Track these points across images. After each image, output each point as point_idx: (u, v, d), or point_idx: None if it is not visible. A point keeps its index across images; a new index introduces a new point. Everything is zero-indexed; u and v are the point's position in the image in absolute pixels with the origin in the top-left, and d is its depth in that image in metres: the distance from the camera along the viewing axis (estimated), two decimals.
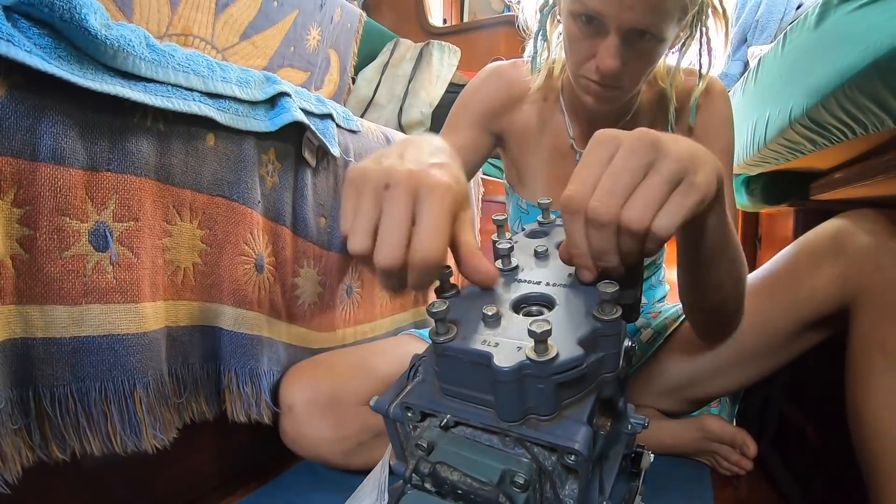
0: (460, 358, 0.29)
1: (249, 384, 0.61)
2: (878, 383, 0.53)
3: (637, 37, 0.56)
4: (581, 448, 0.27)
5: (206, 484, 0.68)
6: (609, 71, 0.57)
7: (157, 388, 0.51)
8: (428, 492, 0.29)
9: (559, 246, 0.41)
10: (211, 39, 0.92)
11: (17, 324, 0.42)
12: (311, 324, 0.74)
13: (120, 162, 0.47)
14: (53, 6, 0.40)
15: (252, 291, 0.61)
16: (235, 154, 0.58)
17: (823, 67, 0.55)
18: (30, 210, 0.42)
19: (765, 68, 0.84)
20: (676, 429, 0.77)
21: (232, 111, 0.56)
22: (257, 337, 0.62)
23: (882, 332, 0.54)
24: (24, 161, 0.41)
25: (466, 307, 0.33)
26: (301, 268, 0.70)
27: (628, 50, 0.57)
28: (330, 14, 1.19)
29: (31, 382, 0.44)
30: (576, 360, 0.27)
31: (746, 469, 0.72)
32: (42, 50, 0.41)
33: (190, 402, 0.57)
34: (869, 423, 0.53)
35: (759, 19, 1.18)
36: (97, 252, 0.46)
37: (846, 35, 0.51)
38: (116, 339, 0.47)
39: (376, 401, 0.34)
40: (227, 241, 0.58)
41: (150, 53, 0.49)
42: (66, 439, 0.46)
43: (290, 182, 0.66)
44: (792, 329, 0.67)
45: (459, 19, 2.47)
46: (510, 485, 0.27)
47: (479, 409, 0.30)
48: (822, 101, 0.56)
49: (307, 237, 0.70)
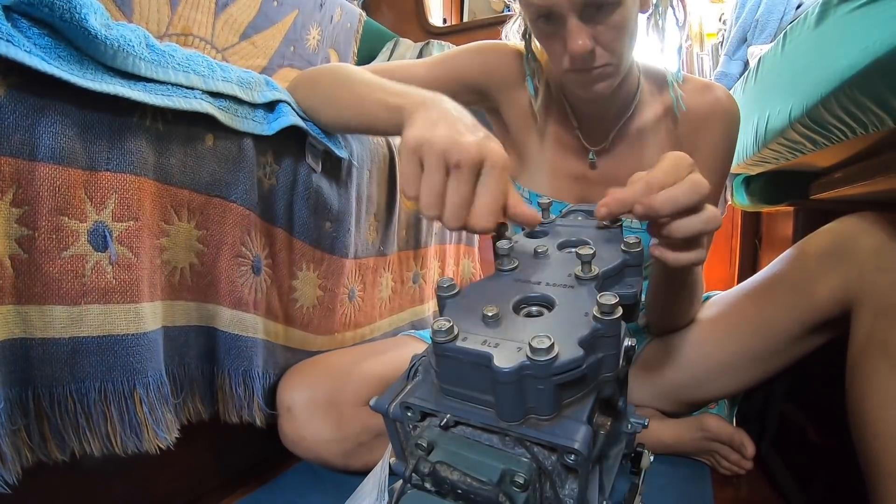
0: (460, 358, 0.29)
1: (242, 386, 0.61)
2: (880, 384, 0.53)
3: (595, 10, 0.56)
4: (581, 448, 0.27)
5: (206, 484, 0.68)
6: (580, 52, 0.57)
7: (156, 388, 0.51)
8: (428, 491, 0.29)
9: (559, 246, 0.41)
10: (211, 39, 0.92)
11: (15, 324, 0.42)
12: (310, 327, 0.73)
13: (119, 161, 0.47)
14: (53, 6, 0.40)
15: (248, 293, 0.61)
16: (234, 155, 0.57)
17: (823, 67, 0.55)
18: (29, 210, 0.42)
19: (765, 68, 0.84)
20: (676, 428, 0.77)
21: (232, 111, 0.56)
22: (253, 339, 0.62)
23: (883, 333, 0.54)
24: (23, 161, 0.41)
25: (466, 307, 0.33)
26: (299, 271, 0.70)
27: (593, 26, 0.57)
28: (330, 14, 1.18)
29: (31, 383, 0.44)
30: (576, 361, 0.27)
31: (746, 469, 0.72)
32: (42, 50, 0.40)
33: (187, 402, 0.57)
34: (870, 423, 0.53)
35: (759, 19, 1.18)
36: (96, 252, 0.46)
37: (846, 35, 0.51)
38: (115, 339, 0.47)
39: (376, 401, 0.34)
40: (224, 242, 0.58)
41: (149, 53, 0.49)
42: (66, 440, 0.46)
43: (289, 184, 0.65)
44: (793, 331, 0.67)
45: (459, 19, 2.47)
46: (510, 484, 0.27)
47: (478, 408, 0.30)
48: (822, 101, 0.56)
49: (306, 240, 0.70)
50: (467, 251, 1.25)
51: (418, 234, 1.00)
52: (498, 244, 0.38)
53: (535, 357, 0.27)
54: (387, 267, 0.91)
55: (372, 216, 0.84)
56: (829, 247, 0.63)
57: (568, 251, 0.40)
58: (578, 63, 0.59)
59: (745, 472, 0.73)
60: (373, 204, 0.84)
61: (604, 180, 0.74)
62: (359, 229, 0.80)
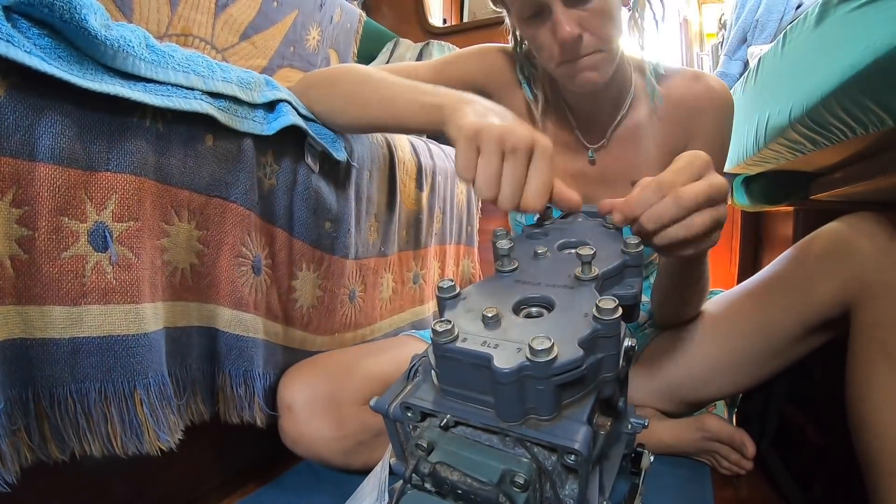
0: (460, 359, 0.29)
1: (243, 386, 0.61)
2: (880, 385, 0.53)
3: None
4: (581, 448, 0.27)
5: (206, 484, 0.68)
6: (568, 38, 0.58)
7: (158, 389, 0.51)
8: (428, 492, 0.29)
9: (559, 247, 0.41)
10: (211, 40, 0.92)
11: (15, 324, 0.42)
12: (310, 327, 0.73)
13: (119, 162, 0.47)
14: (53, 6, 0.40)
15: (249, 293, 0.61)
16: (234, 155, 0.57)
17: (823, 67, 0.55)
18: (28, 210, 0.42)
19: (765, 68, 0.84)
20: (676, 428, 0.77)
21: (231, 111, 0.56)
22: (253, 339, 0.62)
23: (883, 333, 0.54)
24: (22, 161, 0.41)
25: (466, 308, 0.33)
26: (299, 271, 0.70)
27: (578, 13, 0.58)
28: (330, 14, 1.18)
29: (31, 383, 0.44)
30: (575, 362, 0.27)
31: (746, 469, 0.72)
32: (41, 50, 0.40)
33: (189, 403, 0.57)
34: (870, 424, 0.53)
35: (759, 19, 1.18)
36: (96, 252, 0.46)
37: (846, 35, 0.51)
38: (116, 339, 0.47)
39: (376, 401, 0.34)
40: (225, 242, 0.58)
41: (149, 54, 0.49)
42: (66, 440, 0.46)
43: (289, 184, 0.65)
44: (793, 332, 0.67)
45: (459, 19, 2.46)
46: (510, 485, 0.27)
47: (479, 409, 0.30)
48: (822, 101, 0.56)
49: (306, 240, 0.70)
50: (467, 251, 1.25)
51: (418, 234, 1.00)
52: (498, 245, 0.38)
53: (535, 358, 0.27)
54: (387, 267, 0.91)
55: (372, 216, 0.84)
56: (829, 247, 0.63)
57: (568, 252, 0.40)
58: (568, 52, 0.60)
59: (745, 472, 0.73)
60: (373, 204, 0.84)
61: (603, 177, 0.75)
62: (359, 230, 0.80)
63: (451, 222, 1.14)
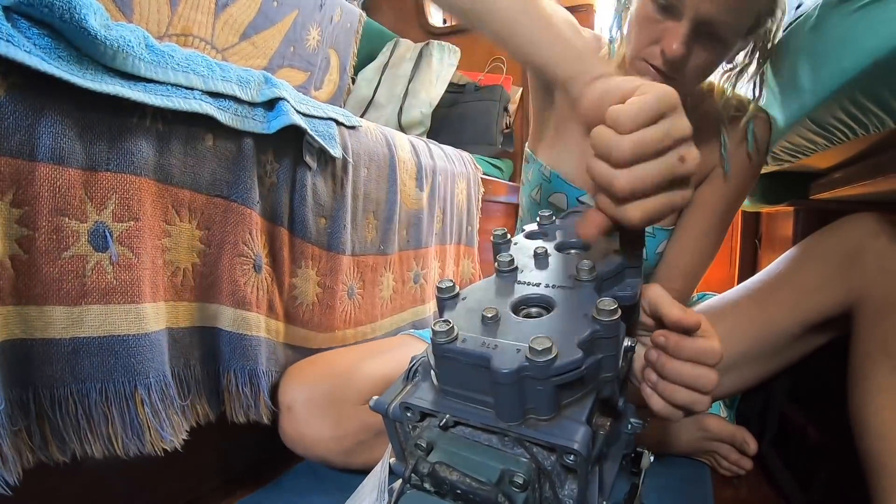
0: (460, 360, 0.29)
1: (249, 385, 0.61)
2: (881, 385, 0.53)
3: (706, 32, 0.57)
4: (580, 448, 0.27)
5: (206, 484, 0.68)
6: (674, 55, 0.57)
7: (160, 389, 0.51)
8: (427, 492, 0.29)
9: (559, 247, 0.41)
10: (211, 39, 0.92)
11: (16, 324, 0.42)
12: (311, 325, 0.74)
13: (119, 162, 0.47)
14: (53, 6, 0.40)
15: (251, 292, 0.61)
16: (234, 154, 0.58)
17: (823, 68, 0.55)
18: (29, 210, 0.42)
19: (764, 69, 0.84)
20: (676, 428, 0.77)
21: (232, 111, 0.56)
22: (256, 338, 0.62)
23: (885, 333, 0.54)
24: (22, 161, 0.41)
25: (466, 309, 0.33)
26: (299, 268, 0.70)
27: (694, 42, 0.58)
28: (330, 14, 1.18)
29: (31, 383, 0.44)
30: (575, 363, 0.27)
31: (746, 468, 0.72)
32: (41, 50, 0.40)
33: (194, 404, 0.57)
34: (872, 424, 0.53)
35: None
36: (97, 252, 0.46)
37: (846, 36, 0.51)
38: (116, 339, 0.47)
39: (376, 401, 0.34)
40: (226, 242, 0.58)
41: (149, 54, 0.49)
42: (67, 441, 0.46)
43: (289, 182, 0.65)
44: (794, 331, 0.67)
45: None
46: (509, 485, 0.27)
47: (478, 408, 0.30)
48: (822, 102, 0.56)
49: (305, 237, 0.70)
50: (467, 251, 1.25)
51: (419, 233, 1.00)
52: (498, 245, 0.38)
53: (535, 358, 0.27)
54: (388, 266, 0.91)
55: (370, 214, 0.84)
56: (830, 247, 0.63)
57: (567, 252, 0.40)
58: (664, 63, 0.59)
59: (745, 472, 0.73)
60: (371, 202, 0.84)
61: None
62: (355, 226, 0.80)
63: (451, 222, 1.14)
